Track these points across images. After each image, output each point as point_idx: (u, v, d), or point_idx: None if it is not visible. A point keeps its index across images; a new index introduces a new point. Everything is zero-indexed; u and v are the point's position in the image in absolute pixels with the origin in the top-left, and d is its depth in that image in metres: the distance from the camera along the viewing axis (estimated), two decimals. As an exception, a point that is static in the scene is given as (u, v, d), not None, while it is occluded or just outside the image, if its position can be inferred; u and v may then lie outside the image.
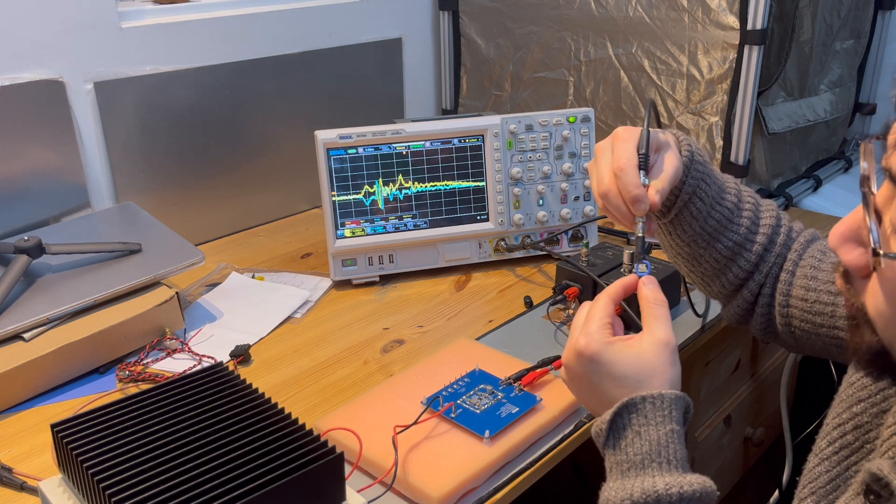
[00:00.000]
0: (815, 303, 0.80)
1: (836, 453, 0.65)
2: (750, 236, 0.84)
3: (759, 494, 1.46)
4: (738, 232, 0.84)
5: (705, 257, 0.86)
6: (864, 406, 0.64)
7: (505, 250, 1.23)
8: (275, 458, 0.64)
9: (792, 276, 0.83)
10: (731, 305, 0.89)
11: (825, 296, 0.80)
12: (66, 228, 1.16)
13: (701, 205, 0.82)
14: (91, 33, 1.16)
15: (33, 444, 0.83)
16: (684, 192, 0.81)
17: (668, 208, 0.83)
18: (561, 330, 1.04)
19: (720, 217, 0.83)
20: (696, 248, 0.85)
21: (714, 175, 0.83)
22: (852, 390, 0.66)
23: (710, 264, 0.86)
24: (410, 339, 1.04)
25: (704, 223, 0.83)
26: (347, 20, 1.49)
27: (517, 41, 1.53)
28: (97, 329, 0.93)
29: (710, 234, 0.84)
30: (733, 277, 0.86)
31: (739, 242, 0.84)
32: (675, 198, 0.81)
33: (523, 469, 0.79)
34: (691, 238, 0.84)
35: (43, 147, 1.15)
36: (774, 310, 0.85)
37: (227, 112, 1.35)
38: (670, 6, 1.30)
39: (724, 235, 0.84)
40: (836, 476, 0.64)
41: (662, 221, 0.85)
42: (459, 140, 1.19)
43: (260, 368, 0.98)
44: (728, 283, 0.87)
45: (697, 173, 0.81)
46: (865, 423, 0.64)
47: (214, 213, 1.37)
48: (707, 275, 0.88)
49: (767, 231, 0.84)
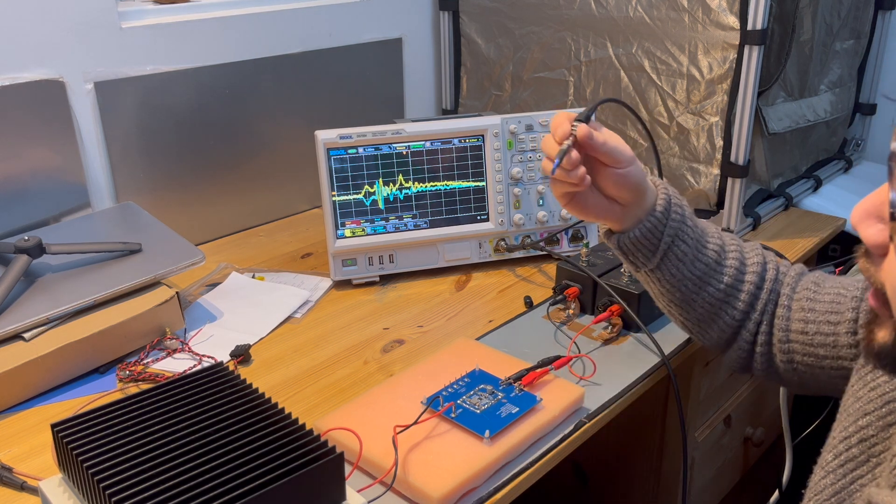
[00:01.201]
0: (816, 334, 0.80)
1: (841, 466, 0.65)
2: (739, 276, 0.85)
3: (759, 494, 1.46)
4: (727, 273, 0.84)
5: (698, 301, 0.86)
6: (870, 419, 0.64)
7: (505, 250, 1.23)
8: (275, 458, 0.64)
9: (788, 310, 0.83)
10: (731, 351, 0.89)
11: (825, 326, 0.80)
12: (66, 228, 1.16)
13: (685, 247, 0.83)
14: (91, 33, 1.16)
15: (33, 443, 0.83)
16: (666, 234, 0.82)
17: (651, 252, 0.83)
18: (561, 330, 1.04)
19: (707, 260, 0.84)
20: (687, 292, 0.85)
21: (695, 220, 0.85)
22: (859, 404, 0.66)
23: (703, 308, 0.86)
24: (410, 339, 1.04)
25: (692, 266, 0.84)
26: (347, 20, 1.49)
27: (517, 41, 1.53)
28: (97, 329, 0.93)
29: (699, 278, 0.84)
30: (730, 319, 0.86)
31: (730, 283, 0.84)
32: (658, 241, 0.82)
33: (523, 469, 0.79)
34: (680, 282, 0.85)
35: (43, 147, 1.15)
36: (774, 348, 0.85)
37: (227, 112, 1.35)
38: (670, 6, 1.30)
39: (714, 277, 0.84)
40: (841, 489, 0.64)
41: (649, 268, 0.85)
42: (459, 140, 1.19)
43: (260, 368, 0.98)
44: (725, 326, 0.87)
45: (677, 216, 0.82)
46: (871, 436, 0.64)
47: (214, 213, 1.37)
48: (703, 320, 0.88)
49: (756, 269, 0.85)
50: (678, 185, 1.36)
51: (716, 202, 1.33)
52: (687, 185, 1.35)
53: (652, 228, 0.82)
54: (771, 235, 1.33)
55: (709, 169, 1.32)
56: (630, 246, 0.84)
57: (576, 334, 1.01)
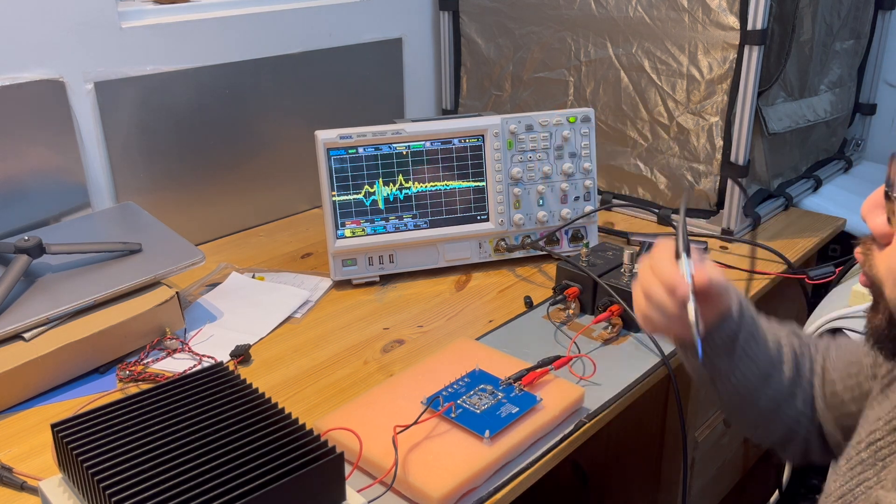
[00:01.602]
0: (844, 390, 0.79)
1: (850, 469, 0.65)
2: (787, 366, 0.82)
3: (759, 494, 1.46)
4: (786, 365, 0.82)
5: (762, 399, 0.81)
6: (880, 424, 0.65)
7: (505, 250, 1.23)
8: (275, 458, 0.64)
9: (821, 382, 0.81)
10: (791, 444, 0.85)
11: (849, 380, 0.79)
12: (66, 228, 1.16)
13: (756, 346, 0.80)
14: (91, 33, 1.16)
15: (33, 443, 0.83)
16: (741, 336, 0.78)
17: (728, 354, 0.79)
18: (561, 330, 1.04)
19: (770, 354, 0.81)
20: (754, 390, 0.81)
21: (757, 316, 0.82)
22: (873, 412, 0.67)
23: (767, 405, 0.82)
24: (410, 339, 1.04)
25: (759, 363, 0.80)
26: (347, 20, 1.49)
27: (517, 41, 1.53)
28: (97, 329, 0.93)
29: (766, 374, 0.81)
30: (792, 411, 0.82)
31: (791, 378, 0.82)
32: (734, 343, 0.79)
33: (523, 469, 0.79)
34: (749, 381, 0.80)
35: (43, 147, 1.15)
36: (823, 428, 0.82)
37: (227, 112, 1.35)
38: (670, 6, 1.30)
39: (777, 370, 0.81)
40: (848, 492, 0.64)
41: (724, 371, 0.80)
42: (459, 140, 1.19)
43: (260, 368, 0.98)
44: (787, 419, 0.83)
45: (749, 317, 0.79)
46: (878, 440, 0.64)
47: (214, 213, 1.37)
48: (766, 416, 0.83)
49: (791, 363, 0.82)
50: (678, 185, 1.37)
51: (716, 202, 1.34)
52: (686, 185, 1.35)
53: (731, 333, 0.78)
54: (771, 235, 1.33)
55: (709, 169, 1.32)
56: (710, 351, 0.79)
57: (576, 334, 1.01)
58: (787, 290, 1.30)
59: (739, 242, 1.30)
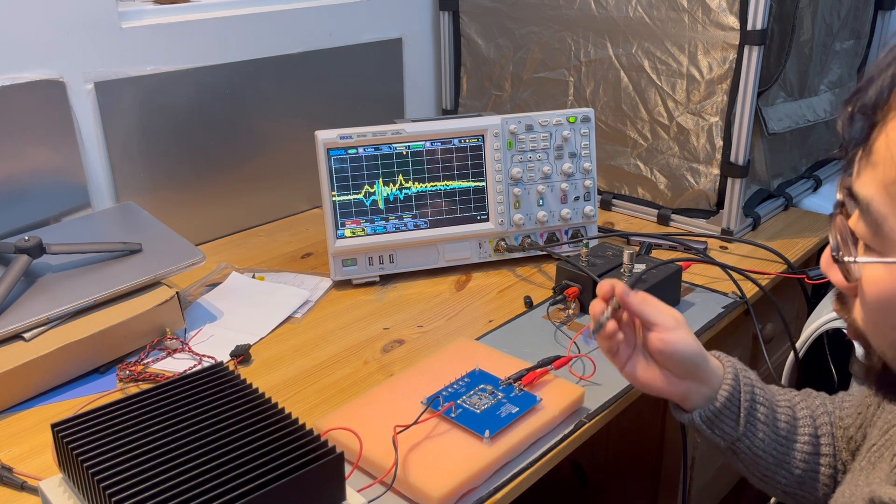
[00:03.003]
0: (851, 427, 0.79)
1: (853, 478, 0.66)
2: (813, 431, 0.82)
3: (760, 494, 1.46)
4: (805, 427, 0.81)
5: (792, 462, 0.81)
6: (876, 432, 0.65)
7: (505, 250, 1.23)
8: (275, 458, 0.64)
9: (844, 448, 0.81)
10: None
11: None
12: (66, 228, 1.16)
13: (765, 410, 0.79)
14: (91, 33, 1.16)
15: (33, 443, 0.83)
16: (743, 398, 0.78)
17: (734, 419, 0.79)
18: (561, 330, 1.04)
19: (787, 419, 0.81)
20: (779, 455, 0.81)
21: (762, 383, 0.81)
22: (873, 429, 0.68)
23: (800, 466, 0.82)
24: (410, 339, 1.04)
25: (776, 427, 0.80)
26: (347, 20, 1.49)
27: (517, 41, 1.53)
28: (97, 329, 0.93)
29: (784, 437, 0.80)
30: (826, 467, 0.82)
31: (810, 443, 0.81)
32: (738, 406, 0.78)
33: (523, 469, 0.79)
34: (770, 446, 0.80)
35: (43, 147, 1.15)
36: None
37: (227, 112, 1.35)
38: (670, 6, 1.30)
39: (797, 433, 0.81)
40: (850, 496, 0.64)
41: (735, 437, 0.80)
42: (459, 140, 1.19)
43: (260, 368, 0.98)
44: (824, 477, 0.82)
45: (748, 381, 0.79)
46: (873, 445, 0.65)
47: (214, 213, 1.37)
48: (803, 480, 0.82)
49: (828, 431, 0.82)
50: (678, 185, 1.37)
51: (716, 202, 1.34)
52: (687, 185, 1.35)
53: (729, 396, 0.78)
54: (771, 235, 1.33)
55: (709, 169, 1.32)
56: (712, 416, 0.79)
57: (576, 334, 1.01)
58: (786, 291, 1.30)
59: (739, 242, 1.30)
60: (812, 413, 0.83)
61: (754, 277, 1.16)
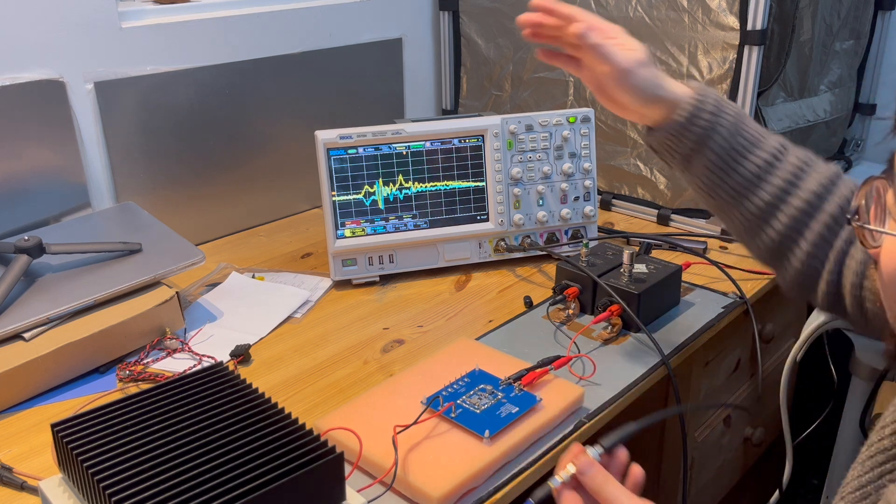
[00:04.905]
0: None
1: (870, 458, 0.63)
2: (784, 197, 0.81)
3: (759, 494, 1.47)
4: (767, 192, 0.81)
5: (735, 215, 0.84)
6: None
7: (505, 250, 1.23)
8: (275, 458, 0.64)
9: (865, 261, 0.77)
10: (784, 275, 0.85)
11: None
12: (66, 228, 1.16)
13: (714, 157, 0.81)
14: (91, 33, 1.16)
15: (33, 443, 0.83)
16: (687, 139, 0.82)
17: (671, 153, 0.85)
18: (561, 330, 1.04)
19: (746, 173, 0.81)
20: (722, 203, 0.84)
21: (739, 131, 0.82)
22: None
23: (742, 223, 0.85)
24: (410, 339, 1.04)
25: (725, 177, 0.82)
26: (347, 20, 1.49)
27: (517, 41, 1.53)
28: (97, 329, 0.93)
29: (735, 190, 0.82)
30: (768, 240, 0.83)
31: (770, 202, 0.81)
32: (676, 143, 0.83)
33: (523, 469, 0.79)
34: (712, 190, 0.84)
35: (43, 147, 1.15)
36: (844, 289, 0.80)
37: (227, 112, 1.35)
38: (670, 6, 1.30)
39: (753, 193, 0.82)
40: (868, 483, 0.61)
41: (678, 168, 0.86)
42: (459, 140, 1.19)
43: (260, 368, 0.98)
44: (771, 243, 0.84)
45: (703, 122, 0.81)
46: None
47: (214, 213, 1.37)
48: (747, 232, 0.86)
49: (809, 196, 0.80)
50: (678, 186, 1.37)
51: (716, 202, 1.33)
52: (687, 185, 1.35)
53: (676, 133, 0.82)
54: (771, 235, 1.33)
55: (709, 169, 1.32)
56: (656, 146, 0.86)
57: (576, 334, 1.01)
58: (786, 290, 1.30)
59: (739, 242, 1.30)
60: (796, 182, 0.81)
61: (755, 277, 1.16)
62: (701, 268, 1.19)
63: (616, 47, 0.82)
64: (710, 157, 0.82)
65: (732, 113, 0.82)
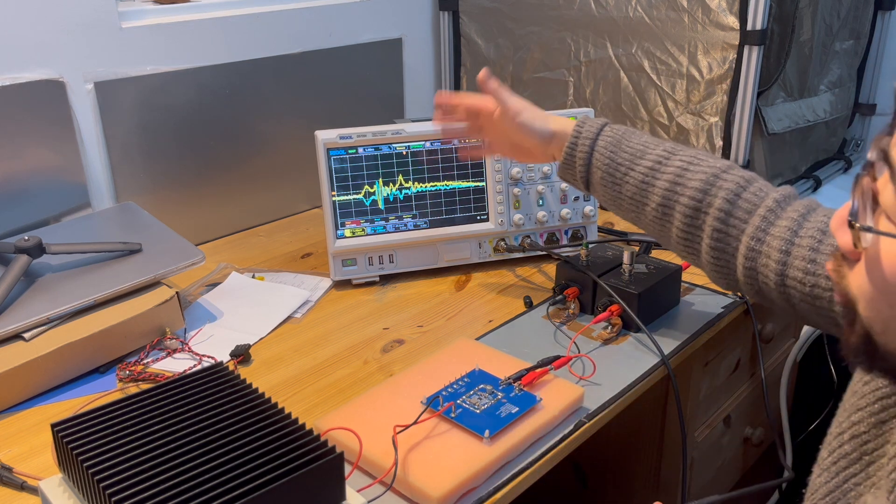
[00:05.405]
0: (815, 287, 0.78)
1: (834, 464, 0.64)
2: (672, 197, 0.88)
3: (759, 494, 1.47)
4: (657, 195, 0.89)
5: (644, 222, 0.93)
6: (862, 415, 0.63)
7: (505, 250, 1.23)
8: (275, 458, 0.64)
9: (785, 254, 0.80)
10: (704, 269, 0.91)
11: (824, 280, 0.77)
12: (66, 228, 1.16)
13: (602, 175, 0.94)
14: (91, 33, 1.16)
15: (33, 443, 0.83)
16: (576, 166, 0.96)
17: (573, 180, 0.99)
18: (561, 330, 1.04)
19: (635, 183, 0.91)
20: (627, 213, 0.95)
21: (620, 147, 0.93)
22: (854, 399, 0.65)
23: (650, 229, 0.93)
24: (410, 339, 1.04)
25: (618, 189, 0.93)
26: (347, 20, 1.49)
27: (517, 41, 1.53)
28: (97, 329, 0.93)
29: (632, 199, 0.92)
30: (675, 240, 0.90)
31: (662, 204, 0.89)
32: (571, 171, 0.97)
33: (523, 469, 0.79)
34: (614, 204, 0.95)
35: (43, 147, 1.15)
36: (759, 278, 0.83)
37: (227, 112, 1.35)
38: (670, 6, 1.30)
39: (645, 200, 0.91)
40: (835, 488, 0.63)
41: (580, 189, 0.99)
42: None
43: (260, 368, 0.98)
44: (674, 246, 0.92)
45: (584, 148, 0.94)
46: (863, 433, 0.63)
47: (214, 213, 1.37)
48: (655, 237, 0.94)
49: (694, 194, 0.87)
50: (678, 186, 1.37)
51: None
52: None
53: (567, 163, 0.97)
54: (771, 235, 1.33)
55: (709, 169, 1.32)
56: (562, 177, 1.00)
57: (576, 334, 1.01)
58: (786, 290, 1.30)
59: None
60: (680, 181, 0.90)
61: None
62: (701, 268, 1.19)
63: (508, 93, 0.99)
64: (599, 176, 0.94)
65: (612, 134, 0.94)
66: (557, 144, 0.97)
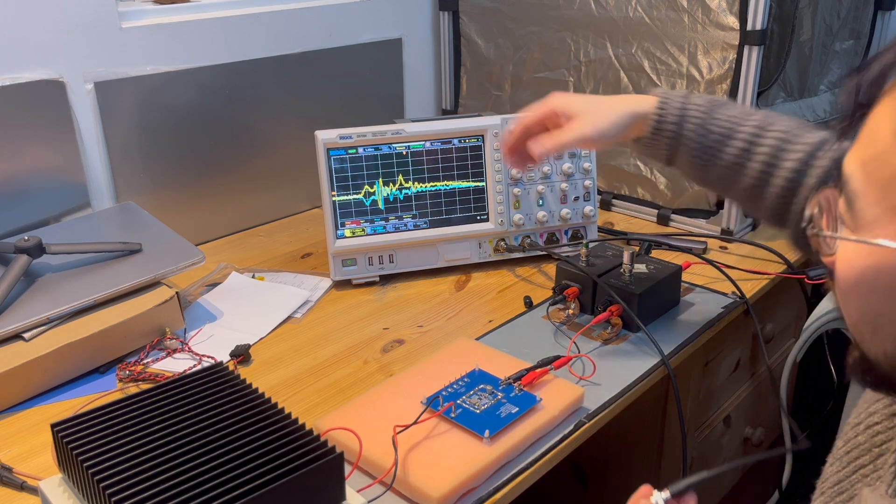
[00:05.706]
0: None
1: (847, 453, 0.64)
2: (767, 179, 0.86)
3: (760, 494, 1.47)
4: (750, 176, 0.87)
5: (731, 195, 0.93)
6: (878, 406, 0.63)
7: (505, 250, 1.23)
8: (275, 458, 0.64)
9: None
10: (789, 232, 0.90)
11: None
12: (66, 228, 1.16)
13: (690, 156, 0.89)
14: (91, 33, 1.16)
15: (33, 443, 0.83)
16: (660, 148, 0.91)
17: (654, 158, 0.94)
18: (561, 330, 1.04)
19: (726, 163, 0.88)
20: (714, 188, 0.96)
21: (708, 128, 0.88)
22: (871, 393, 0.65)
23: (739, 200, 0.93)
24: (410, 339, 1.04)
25: (707, 168, 0.89)
26: (347, 20, 1.49)
27: (517, 41, 1.53)
28: (97, 329, 0.93)
29: (721, 178, 0.89)
30: (765, 212, 0.89)
31: (755, 185, 0.87)
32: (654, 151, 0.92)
33: (523, 469, 0.79)
34: (702, 181, 0.93)
35: (43, 147, 1.15)
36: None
37: (227, 112, 1.35)
38: (670, 6, 1.30)
39: (737, 179, 0.88)
40: (844, 478, 0.63)
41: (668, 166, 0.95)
42: (459, 140, 1.19)
43: (260, 368, 0.98)
44: (763, 216, 0.90)
45: (669, 131, 0.89)
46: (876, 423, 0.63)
47: (214, 213, 1.37)
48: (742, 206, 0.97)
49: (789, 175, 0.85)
50: (677, 186, 1.37)
51: (715, 202, 1.34)
52: (687, 185, 1.35)
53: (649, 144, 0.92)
54: (770, 235, 1.33)
55: (709, 169, 1.32)
56: (639, 154, 1.00)
57: (576, 334, 1.01)
58: (786, 290, 1.30)
59: (739, 242, 1.30)
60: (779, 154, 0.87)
61: (754, 277, 1.16)
62: (701, 268, 1.19)
63: (570, 133, 0.90)
64: (687, 156, 0.90)
65: (699, 113, 0.89)
66: (638, 127, 0.92)
